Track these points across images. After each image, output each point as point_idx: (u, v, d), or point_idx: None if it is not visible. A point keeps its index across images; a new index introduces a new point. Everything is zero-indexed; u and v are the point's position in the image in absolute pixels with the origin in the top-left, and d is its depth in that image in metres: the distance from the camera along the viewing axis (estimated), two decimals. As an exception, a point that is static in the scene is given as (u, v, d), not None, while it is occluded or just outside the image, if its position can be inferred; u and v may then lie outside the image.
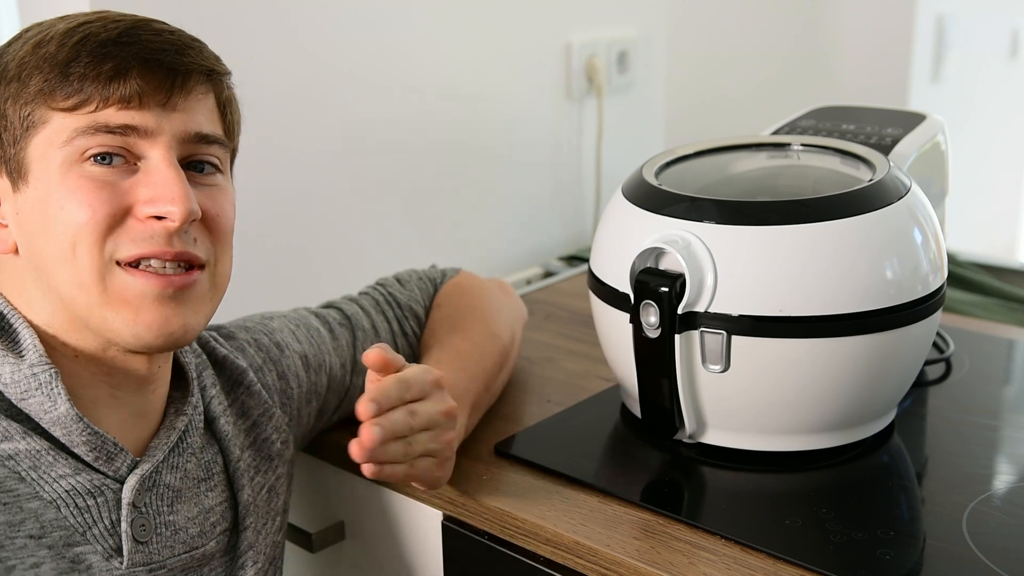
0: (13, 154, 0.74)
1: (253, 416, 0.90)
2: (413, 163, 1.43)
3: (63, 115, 0.72)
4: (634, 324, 0.90)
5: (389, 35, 1.36)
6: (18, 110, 0.73)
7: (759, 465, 0.93)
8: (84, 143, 0.72)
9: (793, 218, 0.87)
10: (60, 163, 0.73)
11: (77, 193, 0.72)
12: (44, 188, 0.73)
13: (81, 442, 0.74)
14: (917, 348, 0.93)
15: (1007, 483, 0.92)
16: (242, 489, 0.86)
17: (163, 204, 0.73)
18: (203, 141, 0.77)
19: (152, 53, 0.73)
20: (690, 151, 1.05)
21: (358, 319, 1.02)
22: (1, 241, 0.76)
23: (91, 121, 0.72)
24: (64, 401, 0.73)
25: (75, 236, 0.72)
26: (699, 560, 0.80)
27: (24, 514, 0.71)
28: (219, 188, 0.79)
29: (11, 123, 0.74)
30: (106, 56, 0.72)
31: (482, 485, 0.92)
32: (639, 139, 1.78)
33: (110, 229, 0.73)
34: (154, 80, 0.73)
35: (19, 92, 0.73)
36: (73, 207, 0.72)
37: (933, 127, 1.12)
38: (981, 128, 2.50)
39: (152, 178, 0.73)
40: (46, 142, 0.73)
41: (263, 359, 0.93)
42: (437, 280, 1.11)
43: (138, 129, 0.73)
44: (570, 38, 1.61)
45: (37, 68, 0.73)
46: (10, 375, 0.73)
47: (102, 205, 0.72)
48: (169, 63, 0.74)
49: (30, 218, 0.74)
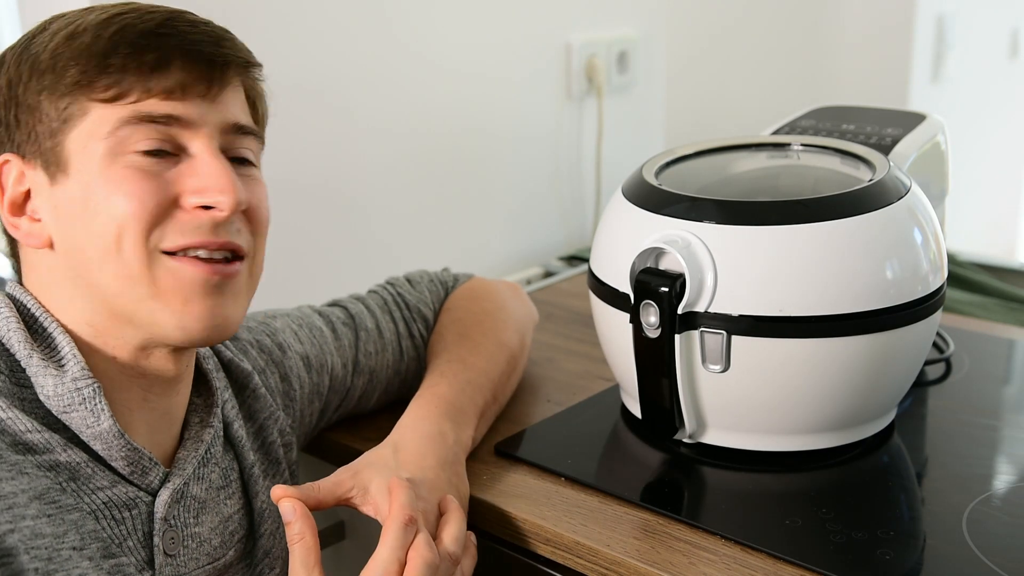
0: (51, 147, 0.72)
1: (259, 419, 0.89)
2: (413, 163, 1.43)
3: (103, 106, 0.71)
4: (634, 324, 0.90)
5: (389, 35, 1.36)
6: (54, 102, 0.72)
7: (759, 465, 0.93)
8: (128, 134, 0.71)
9: (793, 218, 0.87)
10: (103, 154, 0.71)
11: (123, 184, 0.71)
12: (86, 180, 0.71)
13: (120, 457, 0.73)
14: (917, 348, 0.93)
15: (1007, 483, 0.92)
16: (256, 495, 0.86)
17: (212, 194, 0.72)
18: (240, 132, 0.77)
19: (192, 44, 0.73)
20: (690, 151, 1.05)
21: (362, 319, 1.01)
22: (35, 236, 0.74)
23: (134, 112, 0.71)
24: (107, 417, 0.72)
25: (120, 227, 0.71)
26: (699, 560, 0.80)
27: (66, 525, 0.70)
28: (255, 180, 0.78)
29: (47, 115, 0.72)
30: (146, 47, 0.71)
31: (482, 485, 0.92)
32: (639, 139, 1.78)
33: (157, 220, 0.71)
34: (195, 71, 0.73)
35: (55, 84, 0.72)
36: (119, 198, 0.71)
37: (933, 127, 1.12)
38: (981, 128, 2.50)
39: (199, 168, 0.73)
40: (86, 134, 0.71)
41: (266, 361, 0.92)
42: (449, 284, 1.10)
43: (181, 120, 0.72)
44: (570, 38, 1.61)
45: (73, 60, 0.71)
46: (53, 388, 0.72)
47: (150, 196, 0.71)
48: (209, 54, 0.73)
49: (70, 211, 0.72)
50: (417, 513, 0.79)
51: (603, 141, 1.68)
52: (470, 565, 0.83)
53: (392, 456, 0.87)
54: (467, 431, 0.93)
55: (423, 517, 0.80)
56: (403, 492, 0.79)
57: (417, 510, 0.79)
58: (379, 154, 1.38)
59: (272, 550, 0.86)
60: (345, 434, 1.02)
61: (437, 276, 1.11)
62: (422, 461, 0.87)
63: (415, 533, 0.77)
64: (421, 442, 0.88)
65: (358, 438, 1.01)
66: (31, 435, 0.70)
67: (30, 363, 0.72)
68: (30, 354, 0.72)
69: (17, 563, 0.66)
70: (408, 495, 0.79)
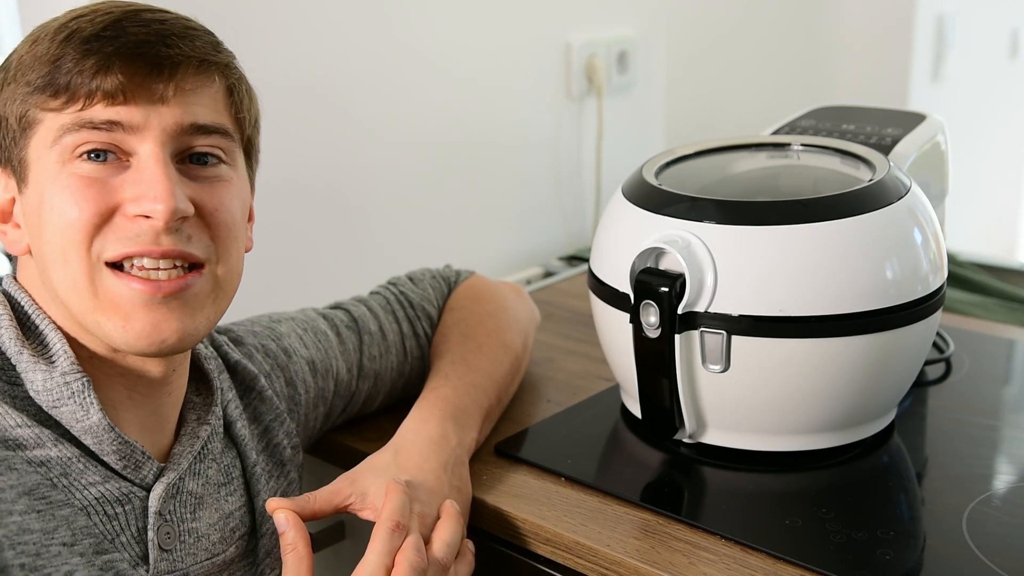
0: (16, 156, 0.73)
1: (265, 421, 0.89)
2: (413, 163, 1.43)
3: (53, 114, 0.71)
4: (634, 324, 0.90)
5: (389, 36, 1.36)
6: (15, 111, 0.72)
7: (759, 465, 0.93)
8: (71, 140, 0.71)
9: (793, 218, 0.87)
10: (53, 162, 0.71)
11: (65, 192, 0.70)
12: (40, 189, 0.72)
13: (111, 451, 0.73)
14: (917, 348, 0.93)
15: (1007, 483, 0.92)
16: (258, 494, 0.86)
17: (147, 202, 0.70)
18: (200, 132, 0.74)
19: (136, 47, 0.71)
20: (690, 151, 1.05)
21: (365, 321, 1.01)
22: (16, 243, 0.75)
23: (76, 118, 0.70)
24: (97, 411, 0.72)
25: (64, 236, 0.71)
26: (699, 560, 0.80)
27: (57, 521, 0.70)
28: (221, 181, 0.75)
29: (11, 125, 0.73)
30: (88, 52, 0.70)
31: (482, 485, 0.92)
32: (639, 139, 1.78)
33: (97, 228, 0.71)
34: (137, 74, 0.70)
35: (14, 93, 0.72)
36: (63, 206, 0.70)
37: (933, 127, 1.12)
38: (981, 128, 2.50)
39: (139, 175, 0.71)
40: (40, 142, 0.72)
41: (271, 365, 0.92)
42: (451, 280, 1.10)
43: (124, 125, 0.71)
44: (570, 38, 1.61)
45: (31, 68, 0.72)
46: (42, 383, 0.72)
47: (89, 203, 0.70)
48: (153, 55, 0.71)
49: (31, 220, 0.73)
50: (406, 518, 0.79)
51: (603, 141, 1.68)
52: (466, 572, 0.83)
53: (392, 460, 0.87)
54: (471, 433, 0.93)
55: (420, 521, 0.81)
56: (394, 497, 0.80)
57: (407, 515, 0.79)
58: (379, 155, 1.38)
59: (274, 550, 0.86)
60: (347, 435, 1.02)
61: (439, 273, 1.10)
62: (424, 464, 0.87)
63: (403, 538, 0.78)
64: (423, 445, 0.88)
65: (360, 439, 1.01)
66: (20, 430, 0.70)
67: (20, 359, 0.73)
68: (20, 350, 0.73)
69: (1, 559, 0.67)
70: (399, 500, 0.79)
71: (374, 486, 0.83)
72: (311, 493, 0.83)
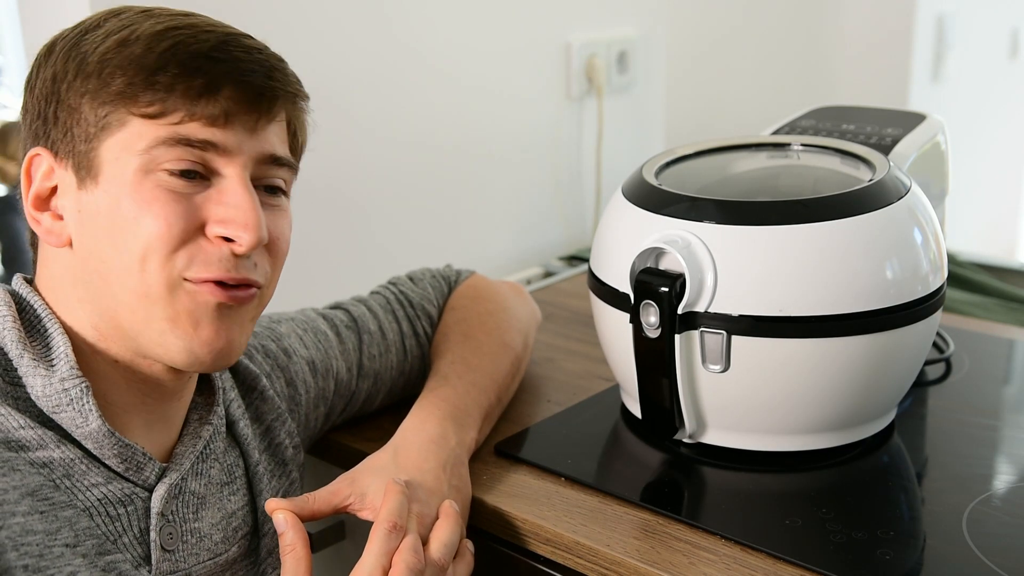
0: (84, 151, 0.72)
1: (267, 421, 0.89)
2: (413, 163, 1.43)
3: (143, 121, 0.71)
4: (634, 324, 0.90)
5: (389, 36, 1.36)
6: (95, 108, 0.71)
7: (759, 465, 0.93)
8: (163, 154, 0.71)
9: (793, 218, 0.87)
10: (136, 169, 0.71)
11: (153, 204, 0.70)
12: (116, 192, 0.71)
13: (112, 454, 0.73)
14: (917, 348, 0.93)
15: (1007, 483, 0.92)
16: (261, 494, 0.86)
17: (235, 228, 0.72)
18: (275, 163, 0.76)
19: (244, 74, 0.72)
20: (690, 151, 1.05)
21: (364, 321, 1.01)
22: (55, 234, 0.74)
23: (173, 133, 0.70)
24: (95, 418, 0.72)
25: (147, 248, 0.70)
26: (699, 560, 0.80)
27: (60, 523, 0.69)
28: (282, 211, 0.78)
29: (85, 119, 0.71)
30: (197, 70, 0.71)
31: (482, 485, 0.92)
32: (639, 139, 1.78)
33: (181, 244, 0.71)
34: (244, 102, 0.72)
35: (98, 90, 0.71)
36: (148, 218, 0.70)
37: (933, 127, 1.12)
38: (981, 128, 2.50)
39: (227, 198, 0.72)
40: (121, 145, 0.71)
41: (271, 366, 0.92)
42: (452, 279, 1.10)
43: (218, 146, 0.72)
44: (570, 38, 1.61)
45: (121, 69, 0.71)
46: (42, 388, 0.71)
47: (177, 219, 0.71)
48: (259, 86, 0.73)
49: (96, 220, 0.72)
50: (404, 519, 0.79)
51: (603, 141, 1.68)
52: (465, 572, 0.83)
53: (391, 460, 0.87)
54: (471, 433, 0.93)
55: (419, 521, 0.81)
56: (392, 498, 0.80)
57: (405, 516, 0.79)
58: (379, 154, 1.38)
59: (275, 550, 0.86)
60: (347, 435, 1.02)
61: (439, 272, 1.10)
62: (423, 464, 0.87)
63: (400, 539, 0.78)
64: (422, 445, 0.88)
65: (360, 438, 1.01)
66: (23, 432, 0.70)
67: (21, 362, 0.72)
68: (21, 353, 0.72)
69: (4, 560, 0.66)
70: (397, 501, 0.80)
71: (373, 486, 0.83)
72: (310, 494, 0.83)
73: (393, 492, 0.80)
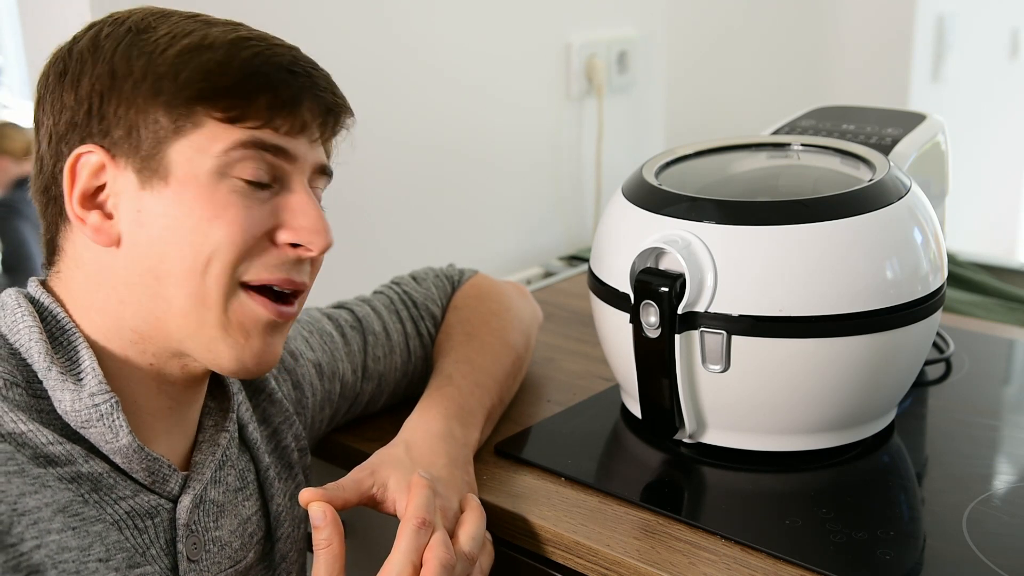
0: (152, 152, 0.71)
1: (274, 423, 0.89)
2: (413, 163, 1.43)
3: (219, 124, 0.71)
4: (634, 324, 0.90)
5: (390, 36, 1.37)
6: (169, 110, 0.70)
7: (759, 465, 0.93)
8: (239, 157, 0.71)
9: (793, 218, 0.87)
10: (210, 172, 0.71)
11: (228, 210, 0.71)
12: (187, 195, 0.70)
13: (140, 468, 0.73)
14: (917, 348, 0.93)
15: (1007, 483, 0.92)
16: (272, 498, 0.85)
17: (308, 235, 0.74)
18: (323, 173, 0.78)
19: (319, 90, 0.75)
20: (690, 151, 1.05)
21: (369, 322, 1.01)
22: (103, 233, 0.72)
23: (251, 136, 0.71)
24: (126, 433, 0.71)
25: (213, 252, 0.71)
26: (699, 560, 0.80)
27: (91, 537, 0.69)
28: None
29: (156, 121, 0.71)
30: (282, 82, 0.73)
31: (482, 485, 0.92)
32: (639, 139, 1.78)
33: (250, 251, 0.72)
34: (320, 115, 0.75)
35: (175, 92, 0.70)
36: (222, 224, 0.71)
37: (933, 127, 1.12)
38: (981, 128, 2.50)
39: (297, 206, 0.74)
40: (195, 147, 0.71)
41: (278, 368, 0.91)
42: (455, 279, 1.10)
43: (289, 154, 0.73)
44: (570, 38, 1.61)
45: (201, 73, 0.71)
46: (70, 403, 0.70)
47: (252, 227, 0.72)
48: (330, 101, 0.76)
49: (159, 220, 0.71)
50: (432, 515, 0.78)
51: (603, 141, 1.68)
52: (488, 563, 0.83)
53: (405, 454, 0.86)
54: (474, 433, 0.93)
55: (442, 515, 0.80)
56: (420, 492, 0.79)
57: (432, 511, 0.78)
58: (379, 154, 1.38)
59: (289, 554, 0.86)
60: (348, 435, 1.02)
61: (443, 272, 1.10)
62: (436, 459, 0.86)
63: (430, 535, 0.77)
64: (432, 441, 0.88)
65: (361, 439, 1.01)
66: (52, 447, 0.69)
67: (48, 376, 0.71)
68: (49, 367, 0.71)
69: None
70: (425, 496, 0.79)
71: (393, 478, 0.83)
72: (338, 482, 0.81)
73: (421, 487, 0.80)
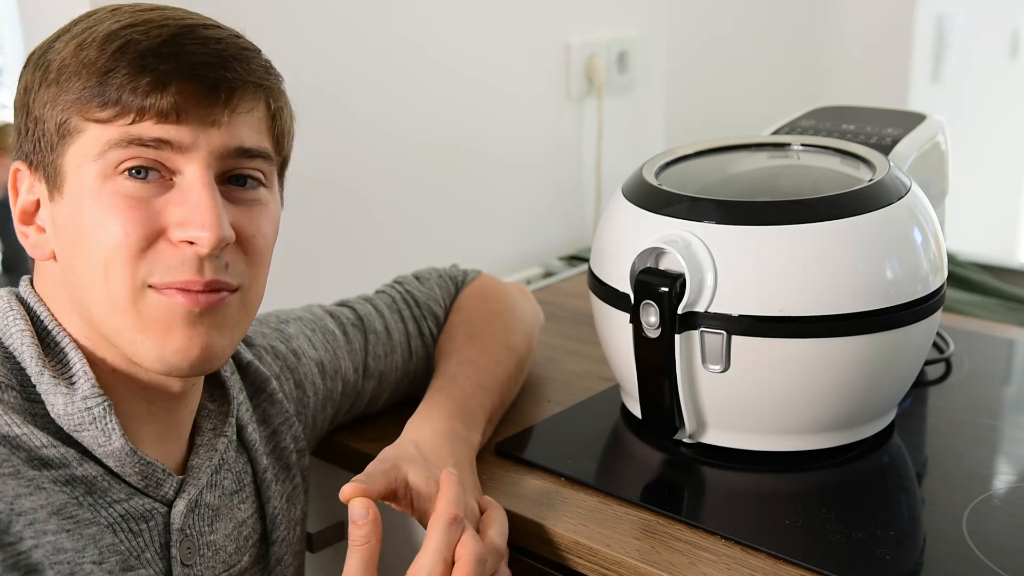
0: (51, 161, 0.71)
1: (274, 424, 0.89)
2: (413, 162, 1.43)
3: (98, 126, 0.69)
4: (634, 324, 0.90)
5: (391, 35, 1.37)
6: (55, 116, 0.70)
7: (759, 465, 0.93)
8: (117, 156, 0.68)
9: (793, 218, 0.87)
10: (94, 176, 0.69)
11: (111, 211, 0.68)
12: (78, 201, 0.70)
13: (134, 472, 0.72)
14: (917, 348, 0.93)
15: (1007, 483, 0.92)
16: (268, 500, 0.85)
17: (194, 229, 0.69)
18: (245, 156, 0.72)
19: (193, 67, 0.69)
20: (690, 151, 1.05)
21: (371, 321, 1.00)
22: (39, 247, 0.73)
23: (124, 134, 0.68)
24: (118, 437, 0.71)
25: (108, 257, 0.69)
26: (699, 560, 0.80)
27: (85, 540, 0.69)
28: (260, 204, 0.74)
29: (48, 129, 0.70)
30: (144, 68, 0.68)
31: (483, 485, 0.92)
32: (639, 139, 1.78)
33: (143, 251, 0.69)
34: (194, 95, 0.69)
35: (57, 98, 0.69)
36: (107, 226, 0.68)
37: (933, 127, 1.12)
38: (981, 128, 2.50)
39: (185, 197, 0.69)
40: (80, 153, 0.69)
41: (280, 367, 0.91)
42: (458, 279, 1.09)
43: (172, 144, 0.69)
44: (570, 38, 1.61)
45: (76, 74, 0.69)
46: (63, 407, 0.70)
47: (135, 226, 0.69)
48: (212, 78, 0.69)
49: (65, 231, 0.71)
50: (462, 511, 0.77)
51: (603, 141, 1.68)
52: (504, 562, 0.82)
53: (417, 452, 0.86)
54: (476, 434, 0.93)
55: (468, 511, 0.80)
56: (452, 488, 0.78)
57: (463, 508, 0.78)
58: (379, 154, 1.38)
59: (284, 557, 0.86)
60: (349, 435, 1.02)
61: (446, 272, 1.10)
62: (447, 458, 0.86)
63: (461, 531, 0.76)
64: (439, 440, 0.88)
65: (362, 439, 1.01)
66: (47, 450, 0.69)
67: (41, 380, 0.71)
68: (41, 371, 0.71)
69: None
70: (457, 492, 0.78)
71: (411, 473, 0.82)
72: (369, 474, 0.80)
73: (452, 483, 0.79)
